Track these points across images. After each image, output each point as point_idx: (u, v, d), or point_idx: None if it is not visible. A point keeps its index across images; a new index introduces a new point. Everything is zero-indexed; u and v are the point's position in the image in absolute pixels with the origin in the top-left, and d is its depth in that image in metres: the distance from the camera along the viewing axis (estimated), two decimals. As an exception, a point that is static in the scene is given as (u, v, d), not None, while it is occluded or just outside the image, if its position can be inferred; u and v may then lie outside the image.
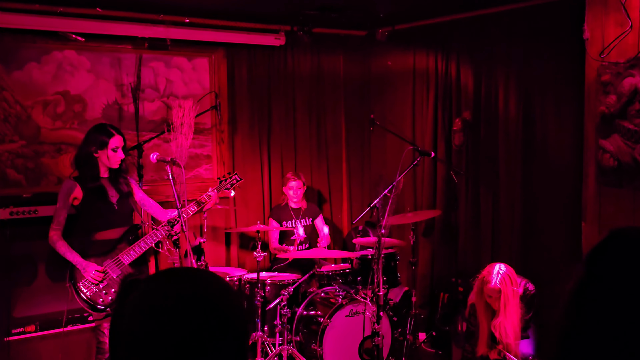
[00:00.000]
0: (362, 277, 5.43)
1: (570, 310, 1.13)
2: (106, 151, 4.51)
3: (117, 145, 4.54)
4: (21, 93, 5.43)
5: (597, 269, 1.12)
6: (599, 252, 1.15)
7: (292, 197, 6.22)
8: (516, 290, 4.24)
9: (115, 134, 4.57)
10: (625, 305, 1.05)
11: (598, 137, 4.85)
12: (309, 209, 6.38)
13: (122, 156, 4.58)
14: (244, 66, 6.47)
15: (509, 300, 4.23)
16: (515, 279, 4.24)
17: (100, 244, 4.53)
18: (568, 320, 1.13)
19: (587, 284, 1.12)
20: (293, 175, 6.21)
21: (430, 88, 6.45)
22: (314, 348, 5.15)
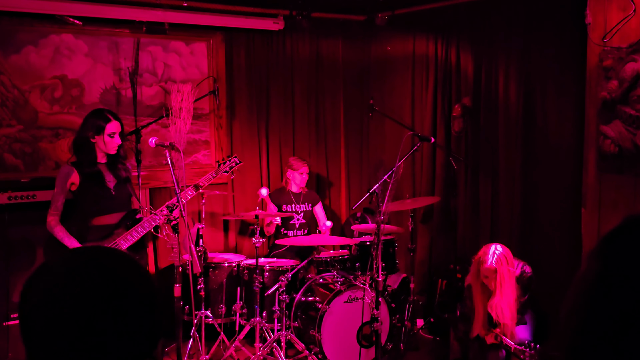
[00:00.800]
0: (361, 263, 5.40)
1: (583, 307, 1.03)
2: (103, 137, 4.46)
3: (114, 131, 4.49)
4: (18, 77, 5.36)
5: (612, 261, 1.02)
6: (614, 241, 1.04)
7: (298, 183, 6.15)
8: (512, 270, 4.18)
9: (112, 119, 4.52)
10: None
11: (599, 123, 4.78)
12: (309, 195, 6.32)
13: (119, 142, 4.53)
14: (243, 51, 6.39)
15: (504, 280, 4.17)
16: (511, 259, 4.19)
17: (98, 229, 4.49)
18: (577, 317, 1.03)
19: (602, 277, 1.01)
20: (301, 160, 6.13)
21: (430, 74, 6.37)
22: (312, 334, 5.12)
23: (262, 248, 5.98)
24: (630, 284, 0.96)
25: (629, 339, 0.94)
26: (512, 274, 4.19)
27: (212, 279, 5.56)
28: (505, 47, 5.63)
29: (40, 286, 1.22)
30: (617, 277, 0.98)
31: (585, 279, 1.04)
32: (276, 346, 5.20)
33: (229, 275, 5.60)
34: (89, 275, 1.21)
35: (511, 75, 5.59)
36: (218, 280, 5.57)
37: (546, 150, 5.35)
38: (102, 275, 1.22)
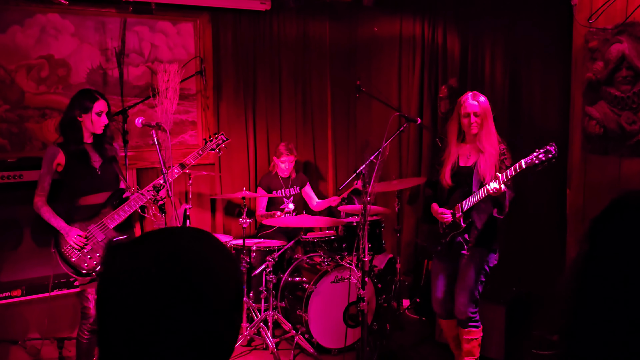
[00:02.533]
0: (347, 244, 5.33)
1: (575, 288, 1.02)
2: (90, 115, 4.33)
3: (101, 110, 4.36)
4: (5, 57, 5.23)
5: (601, 242, 1.01)
6: (602, 223, 1.04)
7: (282, 170, 6.00)
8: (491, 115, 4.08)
9: (100, 98, 4.39)
10: (634, 279, 0.95)
11: (584, 103, 4.67)
12: (298, 178, 6.18)
13: (105, 121, 4.40)
14: (229, 31, 6.22)
15: (486, 119, 4.06)
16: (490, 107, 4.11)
17: (85, 209, 4.36)
18: (573, 298, 1.02)
19: (591, 259, 1.01)
20: (286, 150, 5.95)
21: (417, 55, 6.23)
22: (299, 314, 5.04)
23: (249, 228, 5.88)
24: (617, 264, 0.96)
25: (618, 318, 0.94)
26: (491, 117, 4.07)
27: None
28: (491, 28, 5.51)
29: (121, 261, 1.11)
30: (605, 257, 0.98)
31: (576, 261, 1.03)
32: (263, 326, 5.12)
33: (216, 255, 5.47)
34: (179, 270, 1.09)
35: (497, 57, 5.47)
36: (205, 261, 5.44)
37: (531, 131, 5.24)
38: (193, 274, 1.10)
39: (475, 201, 4.01)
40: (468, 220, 4.09)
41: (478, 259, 4.15)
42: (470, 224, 4.10)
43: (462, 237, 4.13)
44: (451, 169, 4.15)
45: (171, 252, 1.11)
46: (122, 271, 1.09)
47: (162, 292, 1.06)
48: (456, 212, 4.11)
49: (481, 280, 4.17)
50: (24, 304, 4.87)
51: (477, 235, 4.12)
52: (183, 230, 1.22)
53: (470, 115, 4.08)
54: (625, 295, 0.95)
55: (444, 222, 4.17)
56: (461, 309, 4.17)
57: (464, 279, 4.16)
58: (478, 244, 4.13)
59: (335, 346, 5.06)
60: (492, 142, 4.06)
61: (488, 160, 4.03)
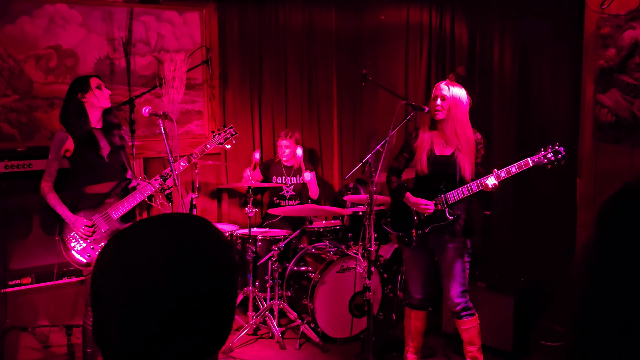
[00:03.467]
0: (353, 233, 5.21)
1: (586, 275, 0.96)
2: (92, 92, 4.18)
3: (99, 83, 4.21)
4: (14, 47, 5.17)
5: (610, 228, 0.95)
6: (612, 209, 0.97)
7: (283, 155, 5.84)
8: (465, 101, 3.91)
9: (91, 76, 4.26)
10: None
11: (596, 91, 4.48)
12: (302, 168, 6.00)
13: (108, 92, 4.24)
14: (235, 21, 6.07)
15: (456, 108, 3.89)
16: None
17: (91, 198, 4.24)
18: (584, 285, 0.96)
19: (600, 245, 0.95)
20: (285, 133, 5.81)
21: (424, 43, 6.03)
22: (305, 303, 4.93)
23: (255, 218, 5.76)
24: (628, 250, 0.91)
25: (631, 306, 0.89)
26: (463, 104, 3.91)
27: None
28: (500, 14, 5.31)
29: (113, 250, 1.07)
30: (615, 243, 0.93)
31: (586, 247, 0.98)
32: (269, 315, 5.03)
33: (223, 244, 5.37)
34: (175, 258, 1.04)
35: (506, 44, 5.27)
36: (211, 250, 5.35)
37: (541, 120, 5.05)
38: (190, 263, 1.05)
39: (464, 195, 3.86)
40: (457, 213, 3.95)
41: (462, 249, 4.02)
42: (458, 216, 3.96)
43: (445, 228, 3.98)
44: (427, 158, 4.00)
45: (166, 238, 1.06)
46: (113, 259, 1.05)
47: (157, 278, 1.02)
48: (438, 204, 3.96)
49: (467, 268, 4.05)
50: (33, 291, 4.83)
51: (461, 227, 3.99)
52: (179, 216, 1.14)
53: (438, 98, 3.92)
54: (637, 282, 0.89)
55: (425, 213, 4.02)
56: (455, 301, 4.03)
57: (453, 271, 4.01)
58: (461, 234, 4.00)
59: (341, 336, 4.96)
60: (466, 134, 3.91)
61: (466, 154, 3.90)
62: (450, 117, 3.91)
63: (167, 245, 1.05)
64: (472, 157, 3.91)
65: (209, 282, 1.06)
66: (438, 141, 4.01)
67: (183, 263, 1.03)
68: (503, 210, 5.22)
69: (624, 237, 0.93)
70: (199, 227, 1.11)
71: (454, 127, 3.90)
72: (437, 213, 3.97)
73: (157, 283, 1.01)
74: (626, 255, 0.91)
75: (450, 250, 4.02)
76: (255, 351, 4.87)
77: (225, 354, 4.75)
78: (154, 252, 1.04)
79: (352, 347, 4.85)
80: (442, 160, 3.98)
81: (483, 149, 3.96)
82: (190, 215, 1.16)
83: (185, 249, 1.05)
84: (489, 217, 5.23)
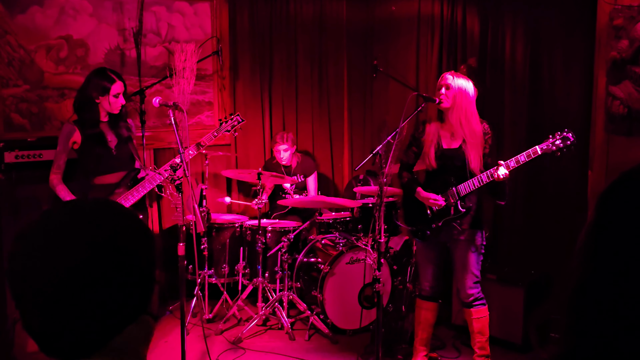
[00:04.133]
0: (363, 225, 5.16)
1: (583, 261, 0.98)
2: (108, 97, 4.28)
3: (119, 92, 4.32)
4: (24, 37, 5.15)
5: (608, 214, 0.97)
6: (610, 196, 0.99)
7: (280, 158, 5.77)
8: (471, 91, 3.89)
9: (117, 79, 4.32)
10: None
11: (608, 83, 4.43)
12: (302, 165, 5.92)
13: (123, 102, 4.35)
14: (246, 11, 6.02)
15: (461, 98, 3.87)
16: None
17: (100, 189, 4.29)
18: (581, 271, 0.97)
19: (598, 231, 0.97)
20: (280, 137, 5.71)
21: (435, 34, 5.96)
22: (314, 294, 4.91)
23: (265, 209, 5.73)
24: (624, 235, 0.93)
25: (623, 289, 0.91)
26: (469, 94, 3.88)
27: (215, 239, 5.34)
28: (512, 6, 5.25)
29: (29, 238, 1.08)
30: (612, 229, 0.94)
31: (584, 233, 0.99)
32: (278, 306, 5.01)
33: (232, 235, 5.38)
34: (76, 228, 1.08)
35: (518, 35, 5.21)
36: (221, 241, 5.35)
37: (553, 112, 5.00)
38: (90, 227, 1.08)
39: (475, 187, 3.84)
40: (467, 205, 3.92)
41: (474, 242, 4.00)
42: (469, 208, 3.93)
43: (457, 221, 3.96)
44: (435, 152, 3.98)
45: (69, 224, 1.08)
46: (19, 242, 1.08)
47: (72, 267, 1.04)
48: (450, 197, 3.93)
49: (480, 260, 4.04)
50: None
51: (471, 219, 3.97)
52: (86, 202, 1.16)
53: (442, 87, 3.93)
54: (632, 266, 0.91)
55: (435, 207, 3.99)
56: (468, 292, 4.03)
57: (466, 264, 4.01)
58: (470, 226, 3.99)
59: (350, 327, 4.94)
60: (472, 126, 3.88)
61: (473, 145, 3.87)
62: (455, 107, 3.89)
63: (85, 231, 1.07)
64: (479, 149, 3.88)
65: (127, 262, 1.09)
66: (445, 134, 3.99)
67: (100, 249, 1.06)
68: (514, 202, 5.18)
69: (618, 223, 0.94)
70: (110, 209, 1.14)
71: (459, 118, 3.88)
72: (450, 206, 3.94)
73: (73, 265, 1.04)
74: (619, 240, 0.93)
75: (462, 242, 4.00)
76: (265, 342, 4.86)
77: (234, 345, 4.75)
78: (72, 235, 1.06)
79: (361, 339, 4.84)
80: (449, 153, 3.95)
81: (490, 139, 3.93)
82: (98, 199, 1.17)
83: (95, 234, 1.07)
84: (500, 209, 5.19)
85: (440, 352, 4.66)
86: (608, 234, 0.95)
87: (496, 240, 5.30)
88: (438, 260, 4.18)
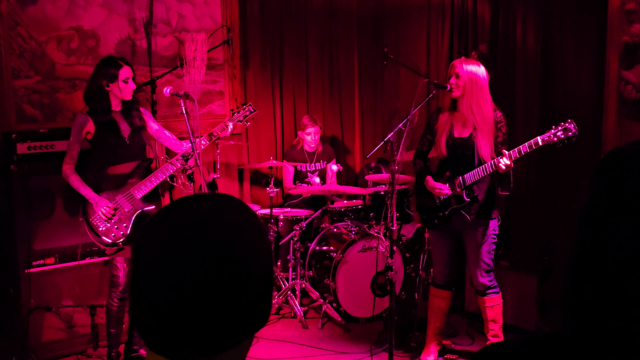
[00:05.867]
0: (375, 213, 5.18)
1: (577, 237, 1.03)
2: (117, 83, 4.26)
3: (127, 76, 4.28)
4: (35, 28, 5.16)
5: (599, 190, 1.04)
6: (600, 173, 1.06)
7: (309, 142, 5.82)
8: (482, 78, 3.89)
9: (124, 64, 4.30)
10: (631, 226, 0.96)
11: (620, 68, 4.43)
12: (325, 152, 5.99)
13: (133, 86, 4.32)
14: (256, 0, 6.03)
15: (472, 86, 3.87)
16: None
17: (113, 178, 4.31)
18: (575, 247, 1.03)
19: (590, 207, 1.03)
20: (310, 120, 5.78)
21: (446, 20, 5.97)
22: (327, 283, 4.95)
23: (276, 198, 5.77)
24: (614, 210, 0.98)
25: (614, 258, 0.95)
26: (482, 79, 3.89)
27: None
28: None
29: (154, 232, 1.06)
30: (603, 205, 1.00)
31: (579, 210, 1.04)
32: (291, 294, 5.06)
33: (244, 224, 5.39)
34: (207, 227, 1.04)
35: (529, 21, 5.20)
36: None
37: (565, 97, 4.99)
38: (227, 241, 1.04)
39: (479, 176, 3.85)
40: (473, 195, 3.94)
41: (484, 231, 4.02)
42: (474, 197, 3.95)
43: (464, 210, 3.98)
44: (446, 140, 3.99)
45: (202, 218, 1.05)
46: (154, 238, 1.05)
47: (194, 259, 1.00)
48: (456, 187, 3.95)
49: (492, 248, 4.06)
50: (57, 271, 4.83)
51: (478, 207, 3.99)
52: (214, 196, 1.14)
53: (452, 76, 3.93)
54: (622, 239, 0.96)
55: (441, 196, 4.02)
56: (480, 281, 4.06)
57: (476, 253, 4.04)
58: (480, 215, 4.00)
59: (363, 315, 4.99)
60: (483, 113, 3.88)
61: (484, 133, 3.87)
62: (466, 94, 3.89)
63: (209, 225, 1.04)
64: (491, 136, 3.88)
65: (249, 261, 1.05)
66: (457, 123, 4.01)
67: (224, 242, 1.03)
68: (526, 187, 5.20)
69: (608, 195, 1.00)
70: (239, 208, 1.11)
71: (470, 105, 3.89)
72: (456, 195, 3.96)
73: (200, 261, 1.00)
74: (613, 216, 0.98)
75: (473, 231, 4.03)
76: (278, 331, 4.91)
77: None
78: (198, 230, 1.02)
79: (374, 327, 4.88)
80: (460, 142, 3.97)
81: (504, 127, 3.93)
82: (229, 196, 1.15)
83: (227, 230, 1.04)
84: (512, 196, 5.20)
85: (454, 339, 4.70)
86: (601, 210, 1.00)
87: (509, 227, 5.32)
88: (451, 249, 4.21)
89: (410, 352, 4.48)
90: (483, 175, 3.84)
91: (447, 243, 4.19)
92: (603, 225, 0.99)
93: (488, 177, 3.95)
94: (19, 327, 4.44)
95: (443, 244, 4.20)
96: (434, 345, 4.33)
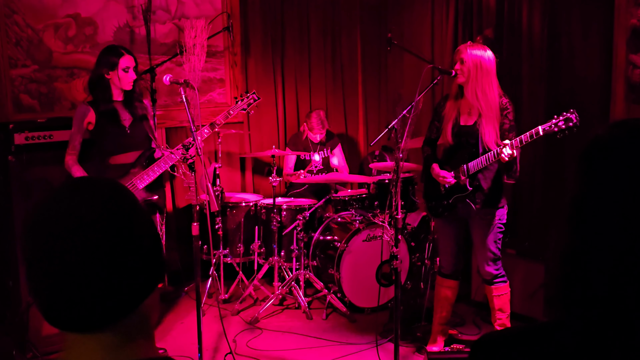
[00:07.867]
0: (379, 202, 5.17)
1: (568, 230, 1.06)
2: (117, 72, 4.28)
3: (128, 65, 4.30)
4: (32, 16, 5.16)
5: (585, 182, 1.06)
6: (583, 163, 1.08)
7: (313, 136, 5.84)
8: (488, 63, 3.87)
9: (125, 54, 4.33)
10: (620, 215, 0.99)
11: (628, 51, 4.41)
12: (328, 141, 6.00)
13: (133, 76, 4.34)
14: (256, -15, 6.03)
15: (478, 72, 3.86)
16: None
17: (115, 168, 4.34)
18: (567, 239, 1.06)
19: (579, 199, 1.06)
20: (319, 123, 5.76)
21: (451, 4, 5.94)
22: (331, 273, 4.97)
23: (279, 187, 5.78)
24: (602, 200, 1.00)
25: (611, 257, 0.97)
26: (489, 64, 3.87)
27: (229, 218, 5.40)
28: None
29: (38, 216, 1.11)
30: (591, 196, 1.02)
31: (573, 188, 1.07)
32: (295, 285, 5.07)
33: (247, 214, 5.43)
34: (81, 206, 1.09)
35: (535, 4, 5.17)
36: (236, 220, 5.41)
37: (572, 82, 4.97)
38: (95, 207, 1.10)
39: (483, 165, 3.85)
40: (475, 184, 3.95)
41: (490, 219, 4.02)
42: (477, 186, 3.96)
43: (468, 199, 3.99)
44: (452, 127, 4.00)
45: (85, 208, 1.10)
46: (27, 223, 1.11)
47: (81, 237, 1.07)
48: (460, 175, 3.97)
49: (498, 237, 4.06)
50: (57, 264, 4.89)
51: (484, 196, 3.99)
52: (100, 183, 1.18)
53: (457, 62, 3.92)
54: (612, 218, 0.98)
55: (445, 184, 4.04)
56: (486, 270, 4.08)
57: (482, 241, 4.04)
58: (486, 204, 4.00)
59: (368, 305, 4.99)
60: (488, 99, 3.87)
61: (488, 119, 3.86)
62: (470, 80, 3.88)
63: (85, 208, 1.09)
64: (496, 123, 3.87)
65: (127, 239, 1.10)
66: (464, 110, 4.01)
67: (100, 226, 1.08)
68: (533, 175, 5.20)
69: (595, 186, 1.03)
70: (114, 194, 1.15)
71: (475, 91, 3.88)
72: (460, 183, 3.98)
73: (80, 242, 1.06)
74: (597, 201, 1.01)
75: (479, 219, 4.04)
76: (282, 322, 4.93)
77: (251, 325, 4.83)
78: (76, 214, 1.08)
79: (379, 317, 4.88)
80: (465, 129, 3.97)
81: (510, 114, 3.92)
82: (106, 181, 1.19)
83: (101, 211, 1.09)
84: (519, 184, 5.21)
85: (460, 328, 4.72)
86: (590, 201, 1.02)
87: (516, 215, 5.33)
88: (457, 238, 4.22)
89: (416, 342, 4.50)
90: (486, 164, 3.84)
91: (454, 231, 4.21)
92: (592, 216, 1.01)
93: (494, 166, 3.94)
94: (19, 320, 4.44)
95: (449, 232, 4.22)
96: (440, 335, 4.36)
